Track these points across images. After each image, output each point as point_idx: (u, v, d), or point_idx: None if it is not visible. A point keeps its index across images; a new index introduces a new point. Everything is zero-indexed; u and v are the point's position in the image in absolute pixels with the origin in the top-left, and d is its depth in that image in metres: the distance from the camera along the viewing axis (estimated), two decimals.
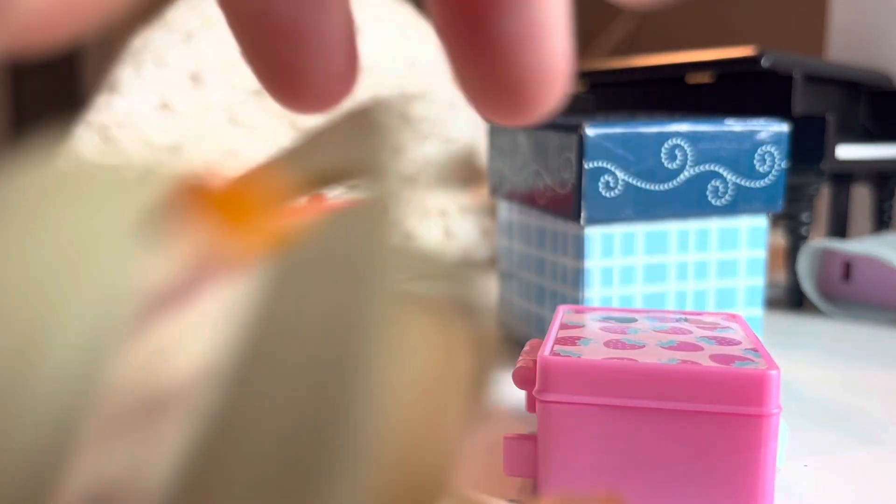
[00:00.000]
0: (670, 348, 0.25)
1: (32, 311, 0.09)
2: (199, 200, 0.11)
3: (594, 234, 0.35)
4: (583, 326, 0.27)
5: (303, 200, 0.11)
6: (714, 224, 0.37)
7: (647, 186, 0.35)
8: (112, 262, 0.10)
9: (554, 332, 0.27)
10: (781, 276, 0.57)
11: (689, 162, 0.36)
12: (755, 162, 0.37)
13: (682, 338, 0.26)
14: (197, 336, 0.09)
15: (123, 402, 0.09)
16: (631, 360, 0.24)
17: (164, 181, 0.11)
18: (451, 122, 0.70)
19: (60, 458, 0.09)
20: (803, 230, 0.49)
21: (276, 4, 0.16)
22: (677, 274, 0.37)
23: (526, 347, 0.28)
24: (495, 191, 0.43)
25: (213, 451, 0.08)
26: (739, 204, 0.37)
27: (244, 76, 0.59)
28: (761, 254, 0.38)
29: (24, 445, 0.09)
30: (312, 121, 0.66)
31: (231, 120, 0.59)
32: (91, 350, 0.09)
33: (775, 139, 0.37)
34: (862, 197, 0.66)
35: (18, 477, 0.09)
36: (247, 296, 0.09)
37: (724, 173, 0.36)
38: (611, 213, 0.35)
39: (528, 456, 0.25)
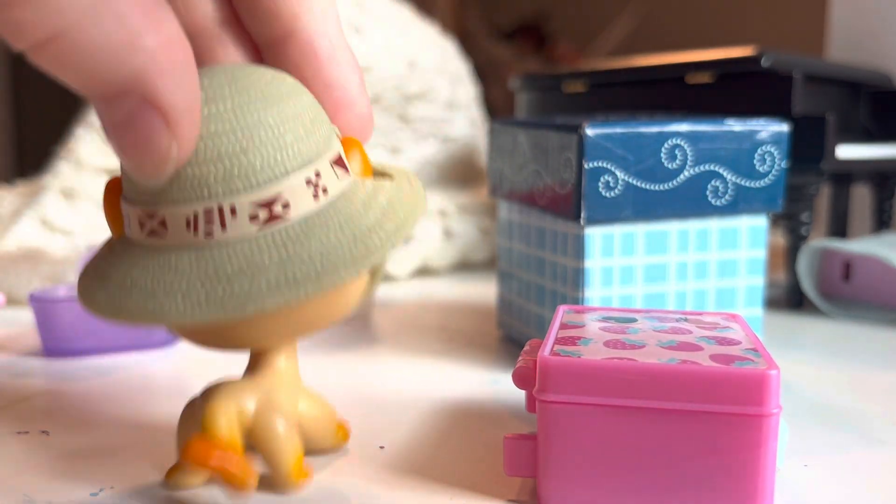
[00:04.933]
0: (670, 348, 0.25)
1: None
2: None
3: (594, 234, 0.35)
4: (583, 326, 0.27)
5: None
6: (714, 224, 0.37)
7: (647, 186, 0.35)
8: None
9: (554, 332, 0.27)
10: (781, 276, 0.57)
11: (689, 162, 0.36)
12: (755, 162, 0.37)
13: (682, 338, 0.26)
14: None
15: None
16: (631, 359, 0.24)
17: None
18: (450, 122, 0.70)
19: None
20: (803, 230, 0.49)
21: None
22: (677, 274, 0.37)
23: (526, 347, 0.28)
24: (495, 191, 0.43)
25: None
26: (739, 204, 0.37)
27: None
28: (761, 254, 0.38)
29: None
30: None
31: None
32: None
33: (775, 139, 0.37)
34: (862, 197, 0.66)
35: None
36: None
37: (724, 173, 0.36)
38: (611, 212, 0.35)
39: (528, 456, 0.25)
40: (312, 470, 0.26)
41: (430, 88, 0.67)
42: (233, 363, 0.39)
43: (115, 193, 0.24)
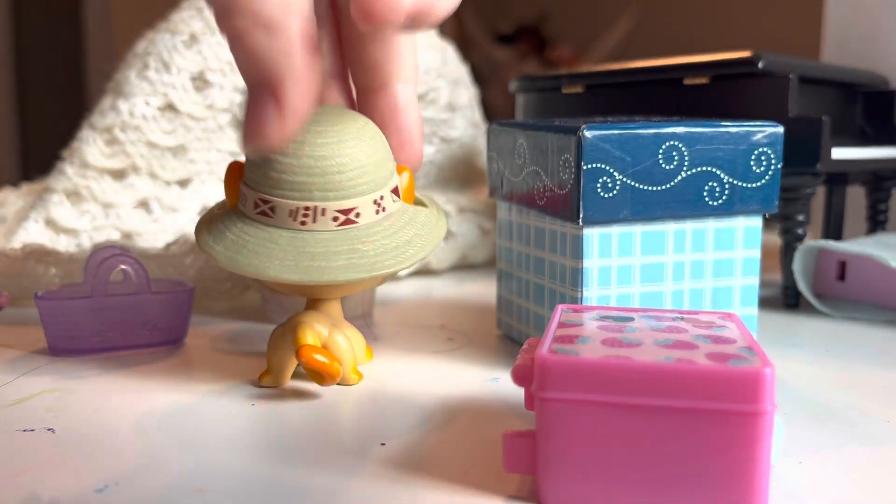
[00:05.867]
0: (666, 346, 0.25)
1: None
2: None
3: (592, 235, 0.36)
4: (581, 325, 0.28)
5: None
6: (710, 224, 0.38)
7: (645, 187, 0.36)
8: None
9: (552, 330, 0.27)
10: (777, 276, 0.57)
11: (685, 163, 0.36)
12: (751, 163, 0.37)
13: (678, 336, 0.26)
14: None
15: None
16: (628, 357, 0.24)
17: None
18: (450, 123, 0.70)
19: None
20: (799, 230, 0.50)
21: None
22: (674, 273, 0.37)
23: (525, 346, 0.29)
24: (495, 192, 0.43)
25: None
26: (735, 205, 0.37)
27: None
28: (757, 254, 0.39)
29: None
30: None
31: (235, 121, 0.59)
32: None
33: (771, 141, 0.38)
34: (857, 197, 0.67)
35: None
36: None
37: (721, 174, 0.37)
38: (609, 213, 0.35)
39: (527, 453, 0.25)
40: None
41: (430, 90, 0.68)
42: (233, 362, 0.40)
43: (236, 173, 0.33)
